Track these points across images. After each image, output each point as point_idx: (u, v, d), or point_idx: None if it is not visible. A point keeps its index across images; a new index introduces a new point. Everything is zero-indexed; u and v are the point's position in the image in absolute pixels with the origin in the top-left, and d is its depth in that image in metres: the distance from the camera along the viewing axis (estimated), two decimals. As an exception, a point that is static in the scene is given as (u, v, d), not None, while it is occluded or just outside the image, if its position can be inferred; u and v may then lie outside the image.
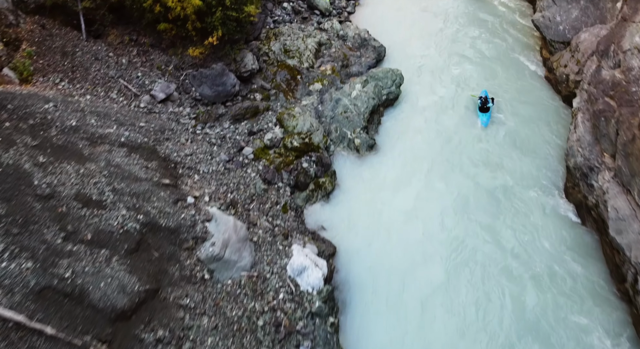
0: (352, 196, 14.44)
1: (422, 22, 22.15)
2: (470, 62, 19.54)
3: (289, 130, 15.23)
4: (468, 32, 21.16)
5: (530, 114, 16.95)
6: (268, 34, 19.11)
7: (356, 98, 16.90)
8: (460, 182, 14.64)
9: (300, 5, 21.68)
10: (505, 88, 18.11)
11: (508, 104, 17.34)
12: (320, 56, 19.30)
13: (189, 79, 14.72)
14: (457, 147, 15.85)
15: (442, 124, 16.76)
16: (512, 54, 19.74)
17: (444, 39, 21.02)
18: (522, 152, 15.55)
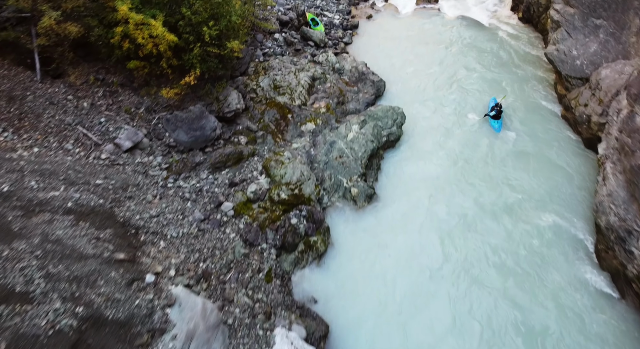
0: (348, 258, 12.46)
1: (424, 53, 20.63)
2: (477, 98, 17.87)
3: (276, 180, 13.37)
4: (474, 65, 19.59)
5: (549, 157, 15.14)
6: (257, 68, 17.49)
7: (353, 141, 15.11)
8: (470, 241, 12.70)
9: (293, 36, 20.17)
10: (519, 127, 16.36)
11: (523, 146, 15.55)
12: (313, 92, 17.63)
13: (162, 123, 12.95)
14: (467, 197, 13.97)
15: (449, 172, 14.92)
16: (523, 88, 18.10)
17: (448, 71, 19.42)
18: (541, 202, 13.66)
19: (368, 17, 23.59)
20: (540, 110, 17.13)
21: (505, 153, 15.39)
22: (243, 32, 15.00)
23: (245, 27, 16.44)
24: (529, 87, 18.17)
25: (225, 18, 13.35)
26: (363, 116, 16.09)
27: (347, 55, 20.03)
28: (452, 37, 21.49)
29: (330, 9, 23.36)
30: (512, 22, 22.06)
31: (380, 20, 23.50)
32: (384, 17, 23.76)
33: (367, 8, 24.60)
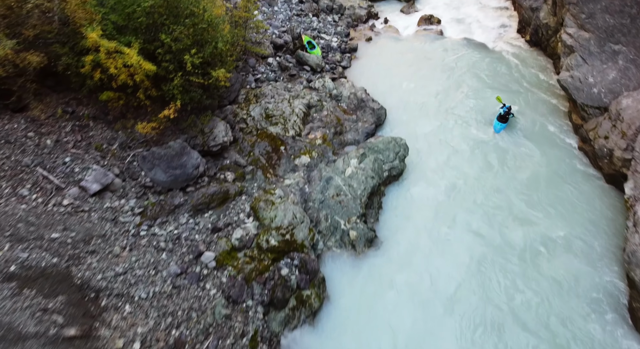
0: (346, 315, 10.94)
1: (428, 77, 19.43)
2: (485, 127, 16.56)
3: (266, 223, 11.93)
4: (480, 90, 18.35)
5: (567, 193, 13.74)
6: (248, 96, 16.24)
7: (351, 177, 13.72)
8: (484, 288, 11.21)
9: (288, 60, 19.00)
10: (532, 159, 15.01)
11: (536, 183, 14.16)
12: (309, 121, 16.34)
13: (137, 161, 11.58)
14: (481, 237, 12.52)
15: (458, 209, 13.51)
16: (534, 117, 16.80)
17: (453, 97, 18.17)
18: (561, 245, 12.20)
19: (367, 40, 22.51)
20: (555, 140, 15.79)
21: (519, 189, 13.99)
22: (232, 59, 13.80)
23: (235, 52, 15.27)
24: (541, 115, 16.87)
25: (211, 45, 12.13)
26: (362, 148, 14.75)
27: (345, 80, 18.83)
28: (456, 61, 20.33)
29: (328, 31, 22.30)
30: (519, 45, 20.95)
31: (381, 42, 22.41)
32: (384, 39, 22.68)
33: (366, 30, 23.55)
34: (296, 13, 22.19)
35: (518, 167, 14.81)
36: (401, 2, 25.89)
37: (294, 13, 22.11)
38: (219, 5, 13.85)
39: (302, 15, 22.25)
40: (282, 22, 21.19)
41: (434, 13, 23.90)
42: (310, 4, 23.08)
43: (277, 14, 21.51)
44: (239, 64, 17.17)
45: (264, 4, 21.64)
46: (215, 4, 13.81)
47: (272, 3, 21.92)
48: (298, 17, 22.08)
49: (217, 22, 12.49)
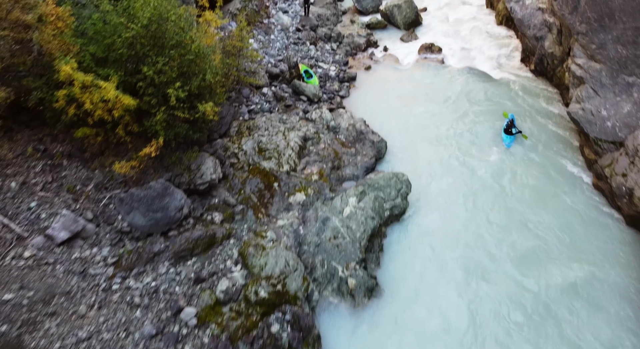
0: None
1: (429, 108, 18.61)
2: (492, 159, 15.61)
3: (255, 272, 10.78)
4: (485, 121, 17.49)
5: (585, 237, 12.64)
6: (240, 128, 15.34)
7: (350, 218, 12.65)
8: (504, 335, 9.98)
9: (284, 90, 18.22)
10: (542, 200, 13.97)
11: (549, 228, 13.07)
12: (305, 155, 15.38)
13: (114, 203, 10.54)
14: (495, 288, 11.35)
15: (467, 251, 12.39)
16: (542, 150, 15.87)
17: (457, 128, 17.28)
18: (584, 303, 11.02)
19: (366, 69, 21.85)
20: (566, 176, 14.79)
21: (531, 229, 12.91)
22: (222, 91, 12.94)
23: (227, 83, 14.46)
24: (550, 149, 15.94)
25: (198, 77, 11.27)
26: (362, 185, 13.73)
27: (343, 110, 18.00)
28: (458, 90, 19.56)
29: (326, 60, 21.65)
30: (523, 75, 20.24)
31: (380, 71, 21.74)
32: (383, 68, 22.02)
33: (365, 58, 22.93)
34: (293, 41, 21.60)
35: (529, 204, 13.77)
36: (401, 30, 25.39)
37: (291, 41, 21.53)
38: (210, 34, 13.09)
39: (300, 44, 21.66)
40: (279, 50, 20.56)
41: (434, 41, 23.34)
42: (308, 32, 22.53)
43: (274, 43, 20.91)
44: (232, 94, 16.37)
45: (260, 33, 21.07)
46: (206, 33, 13.07)
47: (269, 31, 21.36)
48: (295, 45, 21.48)
49: (207, 53, 11.68)
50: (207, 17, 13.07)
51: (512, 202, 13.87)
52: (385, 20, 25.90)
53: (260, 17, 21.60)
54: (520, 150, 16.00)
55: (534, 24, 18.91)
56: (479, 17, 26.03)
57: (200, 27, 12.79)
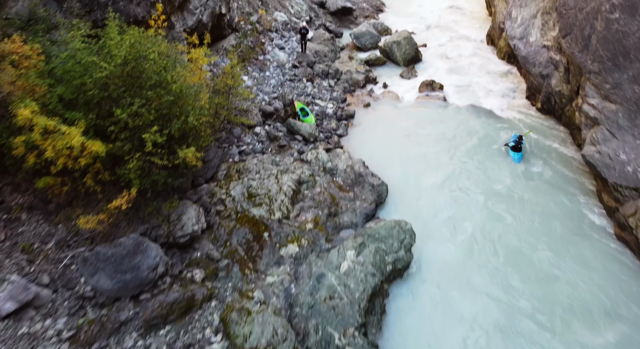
0: None
1: (432, 148, 17.55)
2: (499, 207, 14.39)
3: (238, 343, 9.32)
4: (493, 163, 16.39)
5: (607, 294, 11.25)
6: (229, 171, 14.20)
7: (348, 274, 11.29)
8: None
9: (278, 129, 17.21)
10: (558, 251, 12.65)
11: (570, 283, 11.70)
12: (299, 200, 14.17)
13: (77, 264, 9.21)
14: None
15: (482, 317, 10.95)
16: (555, 194, 14.68)
17: (462, 170, 16.16)
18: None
19: (365, 106, 20.99)
20: (583, 225, 13.53)
21: (550, 286, 11.53)
22: (208, 133, 11.87)
23: (216, 123, 13.45)
24: (563, 194, 14.76)
25: (180, 119, 10.20)
26: (361, 236, 12.44)
27: (341, 150, 16.94)
28: (463, 129, 18.60)
29: (323, 97, 20.82)
30: (529, 113, 19.35)
31: (380, 109, 20.86)
32: (383, 105, 21.17)
33: (364, 95, 22.12)
34: (289, 78, 20.85)
35: (548, 256, 12.43)
36: (400, 67, 24.77)
37: (287, 78, 20.77)
38: (196, 72, 12.17)
39: (296, 81, 20.89)
40: (274, 87, 19.74)
41: (435, 78, 22.63)
42: (305, 69, 21.84)
43: (269, 79, 20.13)
44: (222, 134, 15.34)
45: (255, 69, 20.34)
46: (192, 71, 12.15)
47: (264, 68, 20.64)
48: (291, 82, 20.71)
49: (191, 93, 10.68)
50: (193, 55, 12.19)
51: (529, 253, 12.55)
52: (384, 56, 25.35)
53: (256, 54, 20.95)
54: (529, 194, 14.81)
55: (539, 62, 18.16)
56: (480, 54, 25.50)
57: (186, 66, 11.87)
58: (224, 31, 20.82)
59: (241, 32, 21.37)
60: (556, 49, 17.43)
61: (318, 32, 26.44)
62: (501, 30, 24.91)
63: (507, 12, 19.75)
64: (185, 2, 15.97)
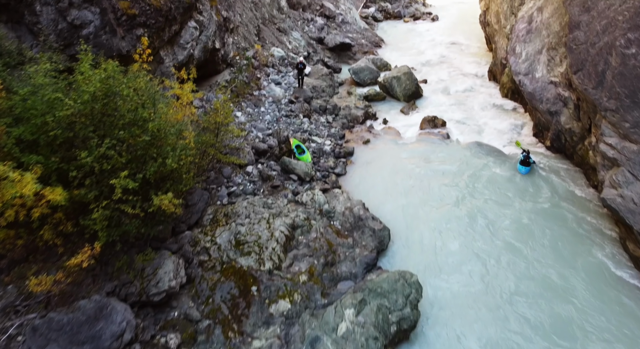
0: None
1: (437, 188, 16.38)
2: (512, 255, 13.06)
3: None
4: (502, 205, 15.18)
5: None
6: (216, 216, 12.96)
7: (346, 338, 9.83)
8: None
9: (271, 168, 16.10)
10: (579, 307, 11.21)
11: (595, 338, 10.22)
12: (292, 247, 12.85)
13: (25, 334, 7.79)
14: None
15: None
16: (575, 243, 13.37)
17: (470, 214, 14.89)
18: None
19: (365, 143, 20.02)
20: (606, 277, 12.15)
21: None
22: (190, 176, 10.71)
23: (203, 163, 12.35)
24: (581, 241, 13.46)
25: (157, 161, 9.07)
26: (361, 291, 11.05)
27: (339, 191, 15.77)
28: (468, 168, 17.51)
29: (321, 133, 19.88)
30: (539, 151, 18.34)
31: (380, 146, 19.88)
32: (383, 142, 20.20)
33: (363, 131, 21.20)
34: (285, 114, 19.99)
35: (574, 311, 10.98)
36: (400, 102, 24.04)
37: (282, 114, 19.91)
38: (180, 109, 11.17)
39: (292, 116, 20.02)
40: (269, 123, 18.81)
41: (437, 114, 21.79)
42: (302, 104, 21.02)
43: (263, 115, 19.25)
44: (210, 174, 14.22)
45: (249, 105, 19.50)
46: (176, 108, 11.15)
47: (259, 104, 19.81)
48: (287, 118, 19.82)
49: (171, 132, 9.61)
50: (177, 91, 11.24)
51: (547, 309, 11.10)
52: (383, 92, 24.69)
53: (250, 89, 20.19)
54: (545, 240, 13.50)
55: (547, 98, 17.31)
56: (482, 90, 24.89)
57: (169, 102, 10.89)
58: (218, 66, 20.15)
59: (236, 67, 20.71)
60: (564, 85, 16.61)
61: (316, 68, 25.90)
62: (503, 66, 24.39)
63: (511, 47, 19.16)
64: (175, 37, 15.27)
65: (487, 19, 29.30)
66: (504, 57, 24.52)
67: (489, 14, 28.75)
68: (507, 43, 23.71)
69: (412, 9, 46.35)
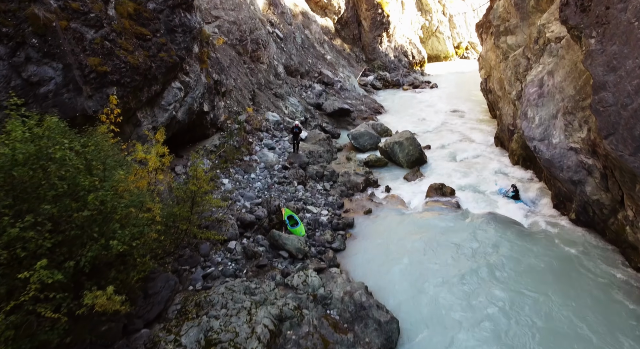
0: None
1: (452, 268, 14.00)
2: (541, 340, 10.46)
3: None
4: (527, 288, 12.74)
5: None
6: (185, 306, 10.52)
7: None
8: None
9: (258, 243, 13.89)
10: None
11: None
12: (279, 346, 10.25)
13: None
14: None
15: None
16: (617, 336, 10.81)
17: (491, 299, 12.40)
18: None
19: (366, 213, 17.99)
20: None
21: None
22: (145, 260, 8.50)
23: (167, 242, 10.18)
24: (633, 338, 10.89)
25: (97, 242, 6.94)
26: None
27: (337, 271, 13.42)
28: (487, 244, 15.26)
29: (317, 202, 17.92)
30: (562, 224, 16.23)
31: (383, 216, 17.81)
32: (387, 212, 18.17)
33: (364, 200, 19.27)
34: (278, 181, 18.17)
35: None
36: (403, 169, 22.38)
37: (275, 181, 18.10)
38: (144, 175, 9.27)
39: (285, 184, 18.18)
40: (259, 191, 16.92)
41: (444, 181, 19.98)
42: (296, 170, 19.30)
43: (254, 182, 17.43)
44: (184, 252, 12.00)
45: (239, 171, 17.75)
46: (140, 175, 9.26)
47: (249, 169, 18.09)
48: (280, 185, 17.98)
49: (120, 205, 7.58)
50: (139, 155, 9.43)
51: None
52: (385, 157, 23.15)
53: (241, 154, 18.59)
54: (582, 333, 10.93)
55: (568, 166, 15.56)
56: (490, 157, 23.40)
57: (131, 168, 9.02)
58: (207, 130, 18.73)
59: (227, 131, 19.30)
60: (587, 152, 14.94)
61: (313, 132, 24.63)
62: (511, 132, 23.13)
63: (522, 112, 17.87)
64: (156, 98, 13.86)
65: (489, 86, 28.70)
66: (511, 123, 23.35)
67: (491, 81, 28.19)
68: (513, 109, 22.64)
69: (410, 77, 46.80)
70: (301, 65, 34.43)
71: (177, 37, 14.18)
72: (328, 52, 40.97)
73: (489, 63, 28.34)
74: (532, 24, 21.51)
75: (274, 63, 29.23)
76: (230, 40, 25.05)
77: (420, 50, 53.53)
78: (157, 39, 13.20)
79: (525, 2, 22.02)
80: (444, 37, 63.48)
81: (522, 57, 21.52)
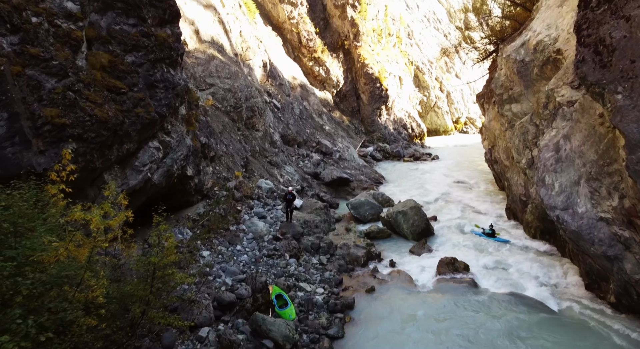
0: None
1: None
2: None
3: None
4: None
5: None
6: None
7: None
8: None
9: (238, 330, 11.38)
10: None
11: None
12: None
13: None
14: None
15: None
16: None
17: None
18: None
19: (368, 291, 15.55)
20: None
21: None
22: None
23: (110, 330, 7.89)
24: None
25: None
26: None
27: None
28: (511, 331, 12.71)
29: (311, 278, 15.57)
30: (600, 308, 13.76)
31: (388, 295, 15.34)
32: (392, 291, 15.71)
33: (366, 276, 16.86)
34: (267, 253, 15.99)
35: None
36: (409, 241, 20.23)
37: (263, 253, 15.92)
38: (87, 243, 7.28)
39: (276, 257, 15.97)
40: (244, 266, 14.69)
41: (455, 255, 17.73)
42: (289, 242, 17.16)
43: (239, 255, 15.25)
44: (141, 344, 9.54)
45: (222, 242, 15.65)
46: (80, 242, 7.27)
47: (234, 241, 16.00)
48: (269, 258, 15.77)
49: (23, 284, 5.52)
50: (75, 215, 7.52)
51: None
52: (388, 228, 21.12)
53: (227, 223, 16.62)
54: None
55: (600, 239, 13.52)
56: (503, 229, 21.35)
57: (68, 234, 7.07)
58: (191, 197, 16.96)
59: (213, 199, 17.53)
60: (621, 223, 13.01)
61: (309, 201, 22.84)
62: (523, 203, 21.36)
63: (539, 178, 16.24)
64: (129, 157, 12.29)
65: (495, 156, 27.52)
66: (522, 193, 21.67)
67: (496, 151, 27.06)
68: (524, 178, 21.11)
69: (411, 149, 46.27)
70: (299, 135, 33.73)
71: (158, 93, 12.99)
72: (327, 122, 40.74)
73: (493, 133, 27.43)
74: (538, 91, 20.77)
75: (269, 131, 28.39)
76: (224, 106, 24.34)
77: (419, 123, 53.82)
78: (133, 93, 11.96)
79: (528, 70, 21.48)
80: (443, 112, 64.51)
81: (530, 124, 20.46)
